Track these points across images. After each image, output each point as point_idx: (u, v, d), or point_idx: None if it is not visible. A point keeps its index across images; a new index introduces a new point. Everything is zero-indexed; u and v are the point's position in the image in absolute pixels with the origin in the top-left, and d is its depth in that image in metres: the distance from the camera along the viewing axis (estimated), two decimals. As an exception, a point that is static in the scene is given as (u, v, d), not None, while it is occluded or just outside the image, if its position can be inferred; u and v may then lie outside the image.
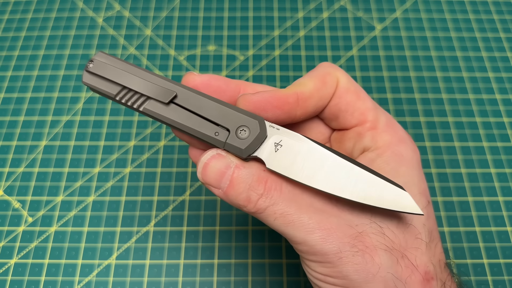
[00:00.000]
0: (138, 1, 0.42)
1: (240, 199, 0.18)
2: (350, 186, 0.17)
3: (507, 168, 0.33)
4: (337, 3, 0.42)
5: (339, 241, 0.17)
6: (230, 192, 0.18)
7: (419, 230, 0.18)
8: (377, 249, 0.17)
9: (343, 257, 0.17)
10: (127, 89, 0.19)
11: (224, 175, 0.18)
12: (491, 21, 0.41)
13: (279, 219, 0.17)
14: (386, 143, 0.19)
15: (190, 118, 0.18)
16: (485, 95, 0.37)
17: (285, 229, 0.17)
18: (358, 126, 0.20)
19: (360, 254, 0.17)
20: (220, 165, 0.18)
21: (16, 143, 0.34)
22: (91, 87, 0.19)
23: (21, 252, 0.30)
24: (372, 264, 0.17)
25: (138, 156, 0.34)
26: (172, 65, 0.38)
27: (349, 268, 0.17)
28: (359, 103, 0.20)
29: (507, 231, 0.31)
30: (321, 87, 0.20)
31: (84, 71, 0.19)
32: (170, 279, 0.29)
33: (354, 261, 0.17)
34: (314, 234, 0.17)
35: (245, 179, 0.18)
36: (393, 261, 0.17)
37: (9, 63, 0.38)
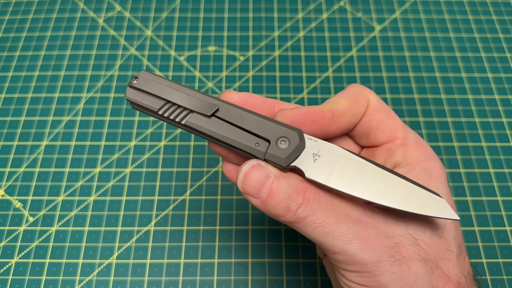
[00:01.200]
0: (138, 2, 0.42)
1: (279, 209, 0.18)
2: (390, 193, 0.18)
3: (506, 168, 0.33)
4: (336, 4, 0.42)
5: (377, 251, 0.17)
6: (269, 202, 0.18)
7: (450, 242, 0.19)
8: (413, 259, 0.17)
9: (381, 267, 0.17)
10: (170, 103, 0.20)
11: (264, 185, 0.18)
12: (490, 22, 0.41)
13: (318, 229, 0.18)
14: (416, 159, 0.20)
15: (231, 130, 0.19)
16: (484, 95, 0.37)
17: (324, 239, 0.18)
18: (389, 143, 0.21)
19: (398, 264, 0.17)
20: (260, 175, 0.18)
21: (17, 143, 0.34)
22: (134, 102, 0.20)
23: (22, 251, 0.30)
24: (409, 274, 0.17)
25: (139, 156, 0.34)
26: (173, 66, 0.38)
27: (388, 277, 0.17)
28: (390, 121, 0.21)
29: (506, 231, 0.31)
30: (354, 105, 0.21)
31: (128, 86, 0.20)
32: (170, 278, 0.29)
33: (392, 270, 0.17)
34: (353, 244, 0.17)
35: (284, 189, 0.18)
36: (428, 271, 0.17)
37: (10, 63, 0.38)
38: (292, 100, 0.36)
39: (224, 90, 0.36)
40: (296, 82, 0.37)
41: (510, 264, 0.30)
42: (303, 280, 0.29)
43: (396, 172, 0.19)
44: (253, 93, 0.21)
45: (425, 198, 0.18)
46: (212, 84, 0.37)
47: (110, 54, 0.39)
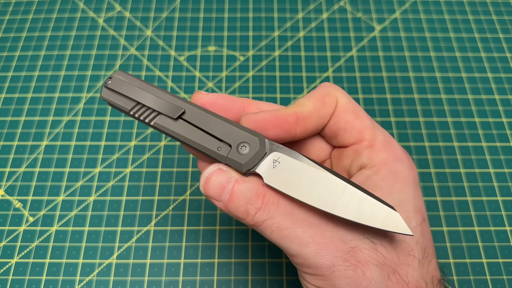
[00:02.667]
0: (138, 2, 0.42)
1: (239, 212, 0.19)
2: (343, 204, 0.18)
3: (506, 168, 0.33)
4: (336, 4, 0.42)
5: (332, 255, 0.17)
6: (230, 205, 0.19)
7: (412, 247, 0.19)
8: (369, 264, 0.18)
9: (335, 271, 0.17)
10: (141, 105, 0.20)
11: (225, 189, 0.19)
12: (490, 22, 0.41)
13: (275, 232, 0.18)
14: (383, 161, 0.20)
15: (196, 133, 0.20)
16: (484, 95, 0.37)
17: (281, 242, 0.18)
18: (356, 144, 0.21)
19: (352, 269, 0.17)
20: (221, 179, 0.19)
21: (17, 143, 0.34)
22: (109, 102, 0.21)
23: (22, 251, 0.30)
24: (363, 279, 0.17)
25: (139, 156, 0.34)
26: (173, 66, 0.38)
27: (341, 281, 0.17)
28: (357, 122, 0.21)
29: (506, 231, 0.31)
30: (321, 107, 0.21)
31: (103, 87, 0.21)
32: (170, 278, 0.29)
33: (346, 275, 0.17)
34: (309, 248, 0.18)
35: (244, 193, 0.19)
36: (384, 276, 0.18)
37: (11, 63, 0.38)
38: (292, 100, 0.36)
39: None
40: (296, 82, 0.37)
41: (510, 264, 0.30)
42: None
43: (354, 183, 0.19)
44: (223, 94, 0.21)
45: (379, 211, 0.18)
46: (212, 84, 0.37)
47: (110, 54, 0.39)
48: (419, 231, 0.19)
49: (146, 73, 0.38)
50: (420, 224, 0.19)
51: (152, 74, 0.38)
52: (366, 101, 0.36)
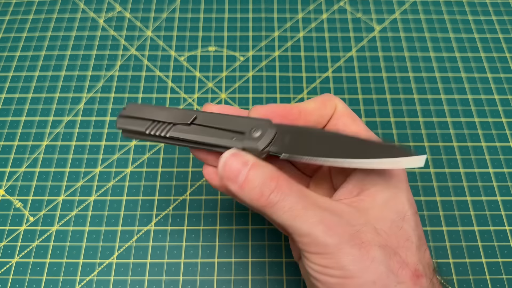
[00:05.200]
0: (139, 2, 0.42)
1: (253, 193, 0.20)
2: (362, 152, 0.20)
3: (505, 168, 0.33)
4: (336, 4, 0.42)
5: (339, 236, 0.19)
6: (245, 187, 0.20)
7: (410, 234, 0.20)
8: (372, 245, 0.19)
9: (342, 249, 0.19)
10: (155, 122, 0.22)
11: (241, 172, 0.20)
12: (489, 22, 0.41)
13: (287, 213, 0.19)
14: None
15: (209, 132, 0.22)
16: (484, 95, 0.37)
17: (292, 222, 0.19)
18: None
19: (357, 248, 0.19)
20: (238, 162, 0.21)
21: (17, 143, 0.34)
22: (125, 129, 0.22)
23: (22, 251, 0.30)
24: (367, 257, 0.19)
25: (139, 156, 0.34)
26: (173, 66, 0.38)
27: (347, 258, 0.19)
28: (354, 125, 0.23)
29: (505, 230, 0.31)
30: (321, 107, 0.23)
31: (118, 117, 0.23)
32: (170, 278, 0.29)
33: (351, 252, 0.19)
34: (318, 227, 0.19)
35: (260, 176, 0.20)
36: (386, 256, 0.19)
37: (11, 63, 0.38)
38: (292, 100, 0.37)
39: (221, 91, 0.36)
40: (296, 82, 0.37)
41: (510, 264, 0.30)
42: (303, 280, 0.29)
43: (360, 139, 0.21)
44: (229, 106, 0.24)
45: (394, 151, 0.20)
46: (212, 84, 0.37)
47: (110, 54, 0.39)
48: (414, 221, 0.21)
49: (146, 73, 0.38)
50: (414, 215, 0.21)
51: (152, 74, 0.38)
52: (366, 101, 0.36)
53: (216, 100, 0.36)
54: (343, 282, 0.19)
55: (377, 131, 0.35)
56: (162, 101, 0.36)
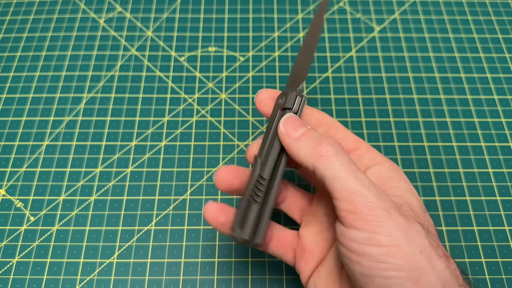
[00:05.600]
0: (139, 3, 0.42)
1: (312, 142, 0.21)
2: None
3: (505, 168, 0.33)
4: (336, 5, 0.42)
5: (388, 202, 0.20)
6: (302, 137, 0.22)
7: (431, 221, 0.22)
8: (413, 219, 0.20)
9: (391, 213, 0.19)
10: (258, 189, 0.23)
11: (301, 127, 0.22)
12: (489, 22, 0.41)
13: (343, 165, 0.20)
14: (383, 159, 0.24)
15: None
16: (483, 95, 0.37)
17: (345, 175, 0.20)
18: (355, 150, 0.24)
19: (403, 218, 0.19)
20: (300, 122, 0.23)
21: (18, 143, 0.34)
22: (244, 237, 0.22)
23: (23, 251, 0.30)
24: (413, 228, 0.19)
25: (140, 156, 0.34)
26: (173, 66, 0.38)
27: (396, 225, 0.19)
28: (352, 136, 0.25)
29: (505, 230, 0.31)
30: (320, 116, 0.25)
31: (236, 237, 0.22)
32: (171, 277, 0.29)
33: (399, 220, 0.19)
34: (370, 188, 0.20)
35: (318, 133, 0.22)
36: (425, 232, 0.20)
37: (11, 63, 0.39)
38: (292, 100, 0.37)
39: (221, 92, 0.36)
40: (296, 82, 0.37)
41: (509, 263, 0.30)
42: (303, 279, 0.29)
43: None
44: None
45: None
46: (212, 85, 0.37)
47: (110, 55, 0.39)
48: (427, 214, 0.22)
49: (147, 73, 0.38)
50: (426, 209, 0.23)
51: (152, 75, 0.38)
52: (365, 102, 0.36)
53: (216, 101, 0.37)
54: (389, 252, 0.18)
55: (376, 131, 0.35)
56: (163, 101, 0.36)
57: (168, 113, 0.36)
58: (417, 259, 0.18)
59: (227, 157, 0.34)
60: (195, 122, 0.36)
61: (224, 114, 0.36)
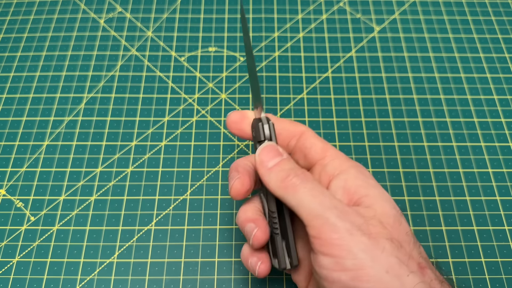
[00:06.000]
0: (139, 3, 0.42)
1: (280, 174, 0.22)
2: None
3: (504, 168, 0.34)
4: (336, 5, 0.42)
5: (351, 222, 0.20)
6: (274, 169, 0.22)
7: (408, 228, 0.21)
8: (380, 237, 0.19)
9: (353, 235, 0.19)
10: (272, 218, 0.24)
11: (275, 158, 0.23)
12: (488, 22, 0.41)
13: (306, 193, 0.21)
14: (349, 165, 0.23)
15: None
16: (483, 95, 0.37)
17: (308, 200, 0.20)
18: (321, 160, 0.24)
19: (367, 237, 0.19)
20: (275, 152, 0.23)
21: (18, 143, 0.34)
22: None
23: (23, 251, 0.30)
24: (377, 247, 0.19)
25: (140, 156, 0.34)
26: (173, 66, 0.38)
27: (358, 246, 0.19)
28: (320, 143, 0.25)
29: (504, 230, 0.31)
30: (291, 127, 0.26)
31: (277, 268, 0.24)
32: (171, 277, 0.29)
33: (362, 240, 0.19)
34: (332, 211, 0.20)
35: (289, 164, 0.22)
36: (394, 248, 0.19)
37: (12, 63, 0.39)
38: (292, 100, 0.37)
39: (221, 92, 0.36)
40: (296, 82, 0.38)
41: (509, 263, 0.30)
42: (303, 279, 0.29)
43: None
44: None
45: None
46: (212, 85, 0.37)
47: (111, 55, 0.39)
48: (404, 218, 0.22)
49: (147, 73, 0.38)
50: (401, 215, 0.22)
51: (153, 75, 0.38)
52: (365, 102, 0.37)
53: (216, 101, 0.37)
54: (355, 276, 0.18)
55: (376, 131, 0.35)
56: (163, 101, 0.36)
57: (168, 113, 0.36)
58: (384, 279, 0.18)
59: (227, 157, 0.34)
60: (195, 122, 0.36)
61: (224, 114, 0.36)
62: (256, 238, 0.23)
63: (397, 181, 0.33)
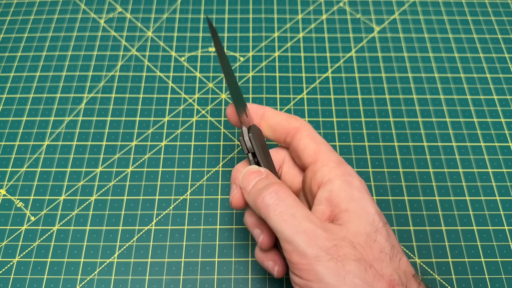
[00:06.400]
0: (139, 3, 0.42)
1: (255, 195, 0.23)
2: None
3: (504, 168, 0.34)
4: (336, 5, 0.42)
5: (318, 248, 0.20)
6: (251, 191, 0.23)
7: (383, 245, 0.21)
8: (348, 259, 0.20)
9: (320, 261, 0.20)
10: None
11: (251, 181, 0.24)
12: (488, 22, 0.41)
13: (277, 216, 0.21)
14: (336, 175, 0.23)
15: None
16: (483, 95, 0.37)
17: (279, 226, 0.21)
18: (312, 164, 0.24)
19: (334, 261, 0.20)
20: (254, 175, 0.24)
21: (18, 143, 0.34)
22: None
23: (23, 251, 0.30)
24: (343, 270, 0.20)
25: (140, 156, 0.34)
26: (173, 66, 0.38)
27: (324, 271, 0.20)
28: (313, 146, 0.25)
29: (504, 230, 0.31)
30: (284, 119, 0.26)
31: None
32: (171, 277, 0.29)
33: (328, 265, 0.20)
34: (301, 236, 0.21)
35: (264, 183, 0.23)
36: (361, 269, 0.20)
37: (12, 63, 0.39)
38: (292, 100, 0.37)
39: (221, 92, 0.36)
40: (296, 82, 0.38)
41: (509, 263, 0.30)
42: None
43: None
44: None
45: None
46: (212, 85, 0.37)
47: (111, 55, 0.39)
48: (386, 231, 0.22)
49: (147, 73, 0.38)
50: (384, 225, 0.22)
51: (153, 75, 0.38)
52: (365, 102, 0.37)
53: (216, 101, 0.37)
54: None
55: (376, 131, 0.35)
56: (163, 101, 0.36)
57: (169, 113, 0.36)
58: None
59: (227, 157, 0.34)
60: (195, 122, 0.36)
61: (224, 114, 0.36)
62: (263, 243, 0.24)
63: (397, 181, 0.33)
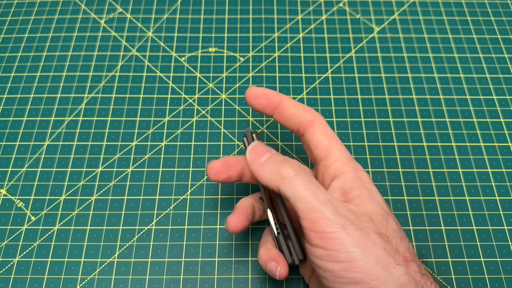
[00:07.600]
0: (139, 3, 0.42)
1: (274, 167, 0.23)
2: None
3: (504, 168, 0.34)
4: (335, 5, 0.42)
5: (344, 217, 0.21)
6: (267, 163, 0.24)
7: (395, 226, 0.23)
8: (370, 231, 0.21)
9: (347, 229, 0.20)
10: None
11: (265, 154, 0.25)
12: (488, 23, 0.41)
13: (303, 185, 0.22)
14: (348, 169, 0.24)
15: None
16: (482, 95, 0.37)
17: (305, 193, 0.22)
18: (324, 160, 0.25)
19: (359, 231, 0.21)
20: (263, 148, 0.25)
21: (19, 143, 0.35)
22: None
23: (24, 250, 0.30)
24: (368, 240, 0.20)
25: (140, 156, 0.34)
26: (173, 67, 0.38)
27: (351, 240, 0.20)
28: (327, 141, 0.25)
29: (504, 230, 0.31)
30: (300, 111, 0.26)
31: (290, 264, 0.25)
32: (171, 277, 0.29)
33: (355, 235, 0.20)
34: (328, 206, 0.21)
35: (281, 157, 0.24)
36: (383, 241, 0.21)
37: (12, 64, 0.39)
38: (292, 100, 0.37)
39: (221, 92, 0.36)
40: (296, 82, 0.38)
41: (508, 263, 0.30)
42: (303, 278, 0.29)
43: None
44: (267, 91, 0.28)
45: None
46: (212, 85, 0.37)
47: (111, 55, 0.39)
48: (393, 216, 0.23)
49: (147, 74, 0.38)
50: (391, 211, 0.24)
51: (153, 75, 0.38)
52: (365, 102, 0.37)
53: (217, 101, 0.37)
54: (347, 267, 0.20)
55: (376, 131, 0.35)
56: (163, 101, 0.37)
57: (169, 113, 0.36)
58: (373, 271, 0.20)
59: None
60: (195, 122, 0.36)
61: (224, 114, 0.36)
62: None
63: (397, 181, 0.33)
